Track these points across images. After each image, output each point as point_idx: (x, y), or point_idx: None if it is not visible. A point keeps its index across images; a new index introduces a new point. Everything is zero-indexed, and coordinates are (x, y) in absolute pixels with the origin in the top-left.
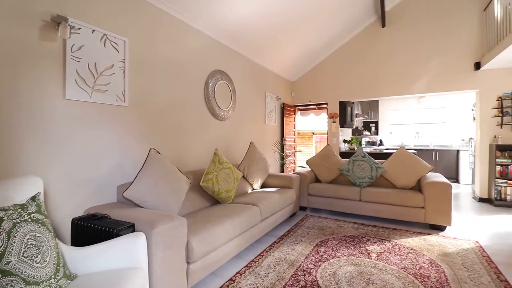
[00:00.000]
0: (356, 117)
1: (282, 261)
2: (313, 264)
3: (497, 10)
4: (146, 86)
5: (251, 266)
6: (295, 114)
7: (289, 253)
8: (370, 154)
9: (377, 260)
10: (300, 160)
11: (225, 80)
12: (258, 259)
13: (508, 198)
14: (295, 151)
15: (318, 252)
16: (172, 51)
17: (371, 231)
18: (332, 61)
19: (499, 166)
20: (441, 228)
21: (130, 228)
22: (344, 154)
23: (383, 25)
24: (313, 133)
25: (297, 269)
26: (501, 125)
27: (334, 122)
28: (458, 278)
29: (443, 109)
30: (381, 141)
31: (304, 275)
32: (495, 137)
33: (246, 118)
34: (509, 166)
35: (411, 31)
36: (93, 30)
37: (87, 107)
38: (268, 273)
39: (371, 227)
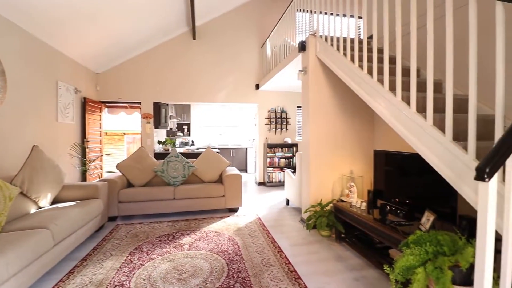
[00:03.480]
0: (170, 118)
1: (86, 285)
2: (126, 275)
3: (268, 49)
4: None
5: None
6: (101, 111)
7: (96, 273)
8: (183, 154)
9: (189, 250)
10: (109, 164)
11: None
12: None
13: (274, 180)
14: (102, 155)
15: (131, 261)
16: None
17: (184, 225)
18: (146, 60)
19: (269, 159)
20: (235, 210)
21: None
22: (159, 155)
23: (194, 38)
24: (124, 133)
25: (106, 287)
26: (269, 130)
27: (148, 122)
28: (246, 244)
29: (237, 116)
30: (193, 141)
31: None
32: (266, 138)
33: (26, 113)
34: (274, 158)
35: (215, 49)
36: None
37: None
38: None
39: (184, 222)
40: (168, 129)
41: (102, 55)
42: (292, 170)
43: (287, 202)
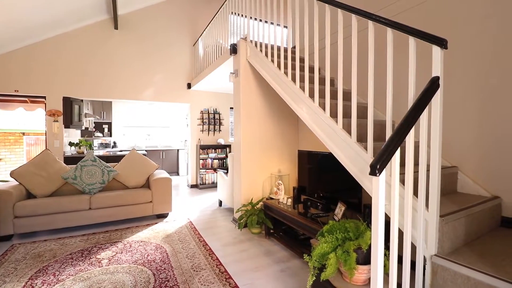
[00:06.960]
0: (86, 117)
1: None
2: None
3: (201, 48)
4: None
5: None
6: None
7: None
8: (103, 157)
9: (108, 265)
10: (2, 171)
11: None
12: None
13: (207, 182)
14: None
15: (33, 287)
16: None
17: (102, 238)
18: (54, 47)
19: (202, 160)
20: (165, 216)
21: None
22: (71, 159)
23: (116, 27)
24: (23, 133)
25: None
26: (202, 131)
27: (56, 121)
28: (175, 251)
29: (168, 116)
30: (115, 143)
31: None
32: (199, 139)
33: None
34: (207, 160)
35: (142, 42)
36: None
37: None
38: None
39: (103, 234)
40: (83, 128)
41: None
42: (225, 171)
43: (220, 203)
